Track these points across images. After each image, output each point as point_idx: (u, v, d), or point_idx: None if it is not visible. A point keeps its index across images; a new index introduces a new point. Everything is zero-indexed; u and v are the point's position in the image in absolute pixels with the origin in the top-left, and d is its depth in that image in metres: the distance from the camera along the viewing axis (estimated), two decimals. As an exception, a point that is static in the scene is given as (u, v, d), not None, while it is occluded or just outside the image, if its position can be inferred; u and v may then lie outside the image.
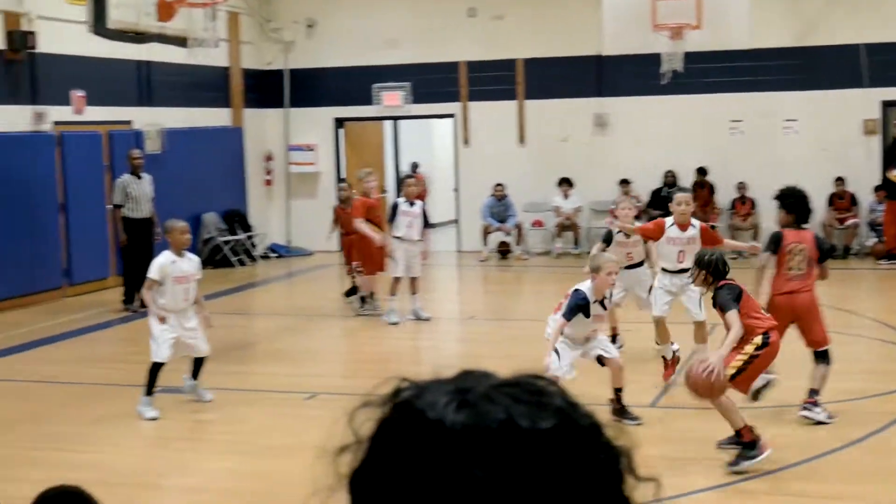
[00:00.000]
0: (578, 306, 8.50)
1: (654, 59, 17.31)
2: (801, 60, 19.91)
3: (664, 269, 10.59)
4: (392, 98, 21.99)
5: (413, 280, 13.99)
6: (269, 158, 22.63)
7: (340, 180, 17.55)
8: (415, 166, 24.82)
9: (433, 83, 21.76)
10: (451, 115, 22.06)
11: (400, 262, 13.90)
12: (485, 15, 21.46)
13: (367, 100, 22.07)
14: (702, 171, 20.33)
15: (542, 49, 21.12)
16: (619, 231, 11.63)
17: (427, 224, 14.22)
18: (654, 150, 20.56)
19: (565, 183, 20.74)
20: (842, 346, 11.68)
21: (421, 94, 21.87)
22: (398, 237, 13.93)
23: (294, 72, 22.48)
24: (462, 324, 14.10)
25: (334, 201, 16.43)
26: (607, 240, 11.70)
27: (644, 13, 16.78)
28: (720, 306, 7.90)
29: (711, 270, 7.99)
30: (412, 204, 13.92)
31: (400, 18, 21.86)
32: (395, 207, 13.93)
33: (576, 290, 8.58)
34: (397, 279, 13.92)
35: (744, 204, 20.23)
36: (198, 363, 9.99)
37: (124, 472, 8.21)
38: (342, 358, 12.95)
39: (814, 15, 19.92)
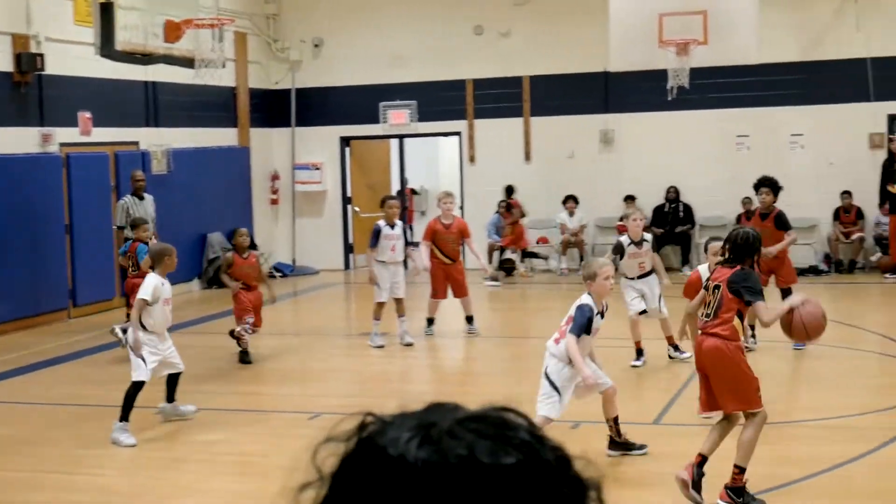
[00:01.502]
0: (589, 320, 8.33)
1: (661, 75, 17.32)
2: (807, 75, 19.92)
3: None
4: (398, 116, 22.04)
5: (399, 301, 13.92)
6: (275, 177, 22.67)
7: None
8: (405, 185, 24.85)
9: (439, 101, 21.80)
10: (457, 133, 22.09)
11: (384, 286, 13.86)
12: (491, 32, 21.50)
13: (373, 118, 22.12)
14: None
15: (548, 66, 21.15)
16: (631, 242, 11.87)
17: (409, 243, 14.46)
18: (660, 167, 20.56)
19: (571, 200, 20.74)
20: (846, 361, 11.68)
21: (427, 113, 21.90)
22: (382, 261, 13.92)
23: (301, 91, 22.54)
24: (468, 341, 14.07)
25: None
26: (618, 251, 11.84)
27: (650, 29, 16.77)
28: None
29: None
30: (393, 227, 13.89)
31: (406, 37, 21.92)
32: (377, 232, 13.90)
33: (580, 307, 8.40)
34: (381, 304, 13.88)
35: (749, 220, 20.16)
36: (173, 383, 10.08)
37: (128, 493, 8.21)
38: (348, 378, 12.93)
39: (819, 29, 19.93)
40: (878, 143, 19.81)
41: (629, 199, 20.53)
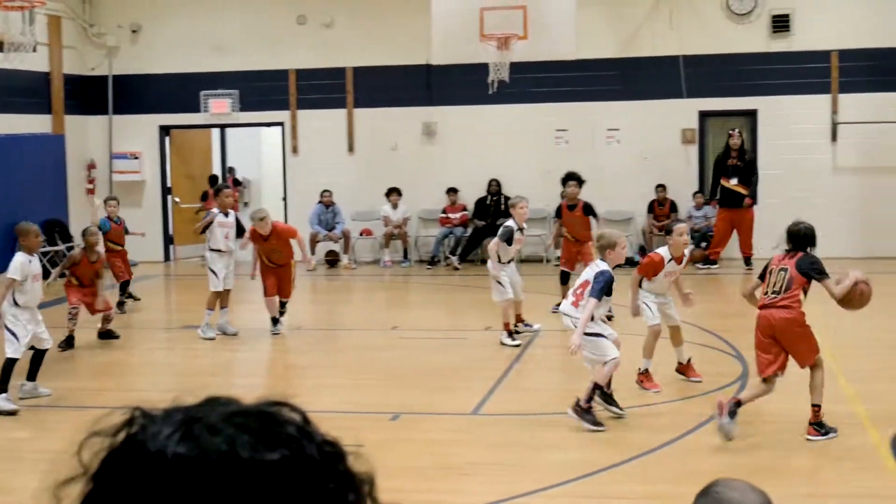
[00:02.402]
0: (608, 284, 8.97)
1: (482, 68, 17.53)
2: (623, 71, 20.46)
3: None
4: (220, 105, 21.71)
5: (227, 293, 13.88)
6: (91, 166, 22.05)
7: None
8: (231, 171, 24.57)
9: (262, 91, 21.57)
10: (279, 124, 21.89)
11: (220, 274, 13.74)
12: (314, 22, 21.37)
13: (193, 107, 21.73)
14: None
15: (371, 58, 21.15)
16: (518, 228, 12.80)
17: (241, 233, 14.36)
18: (482, 160, 20.81)
19: (394, 192, 20.81)
20: (660, 352, 12.05)
21: (249, 102, 21.65)
22: (217, 250, 13.80)
23: (118, 77, 21.97)
24: (289, 334, 13.97)
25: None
26: (507, 236, 12.66)
27: (472, 23, 16.95)
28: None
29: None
30: (227, 214, 13.87)
31: (228, 24, 21.59)
32: (200, 231, 13.84)
33: (601, 272, 8.99)
34: (217, 293, 13.75)
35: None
36: (38, 360, 10.40)
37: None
38: (167, 371, 12.68)
39: (635, 27, 20.50)
40: (690, 138, 20.51)
41: (452, 191, 20.74)
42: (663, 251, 10.68)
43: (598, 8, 19.98)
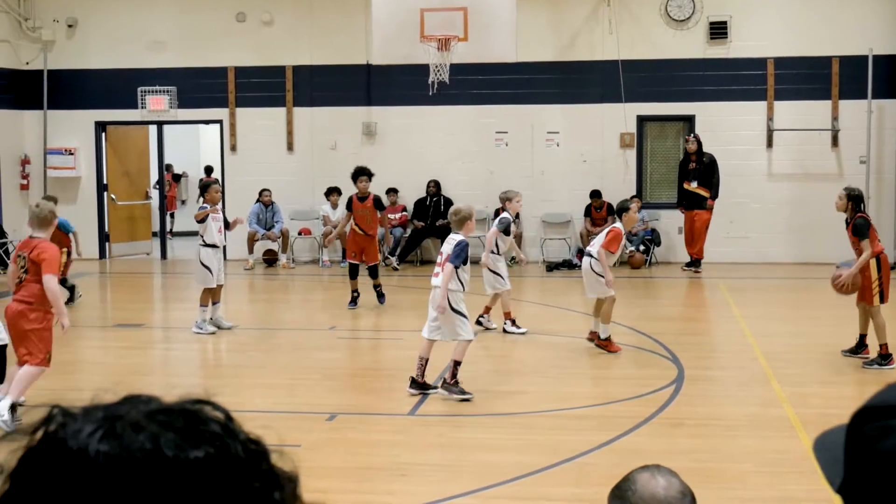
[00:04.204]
0: (464, 250, 10.07)
1: (423, 69, 17.52)
2: (563, 75, 20.57)
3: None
4: (157, 102, 21.51)
5: (219, 288, 13.86)
6: (25, 162, 21.74)
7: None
8: (209, 170, 24.43)
9: (200, 88, 21.41)
10: (218, 122, 21.73)
11: (214, 270, 13.64)
12: (254, 20, 21.25)
13: (131, 103, 21.52)
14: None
15: (311, 56, 21.08)
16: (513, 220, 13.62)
17: (228, 226, 14.20)
18: (421, 160, 20.82)
19: (334, 192, 20.74)
20: (595, 353, 12.14)
21: (187, 99, 21.48)
22: (212, 245, 13.71)
23: (53, 72, 21.69)
24: (225, 333, 13.87)
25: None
26: (506, 227, 13.25)
27: (412, 24, 16.93)
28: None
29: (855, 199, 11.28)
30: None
31: (165, 20, 21.40)
32: (200, 219, 13.72)
33: (458, 242, 10.07)
34: (211, 289, 13.66)
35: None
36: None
37: None
38: (101, 370, 12.52)
39: (574, 31, 20.62)
40: (628, 142, 20.67)
41: (391, 191, 20.72)
42: (619, 225, 11.99)
43: (539, 12, 20.08)
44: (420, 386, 10.19)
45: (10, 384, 9.17)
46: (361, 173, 15.59)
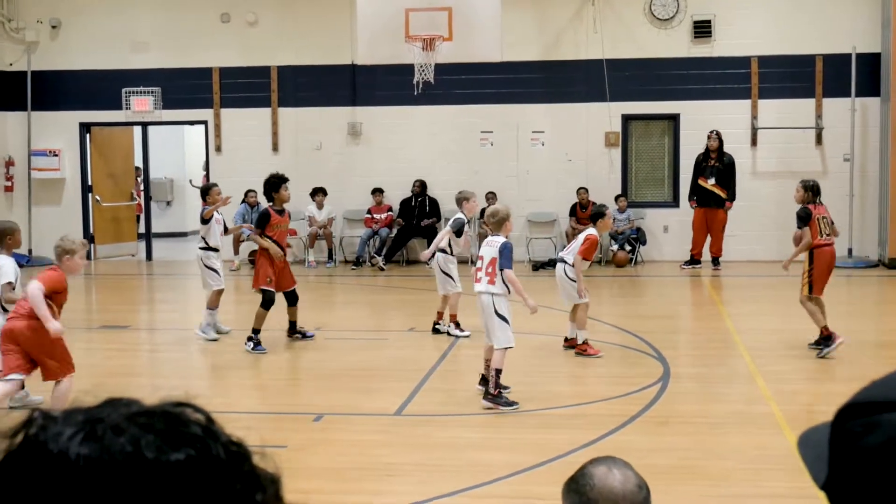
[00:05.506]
0: (511, 250, 9.81)
1: (408, 69, 17.53)
2: (548, 74, 20.60)
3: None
4: (142, 103, 21.47)
5: (220, 292, 13.76)
6: (9, 163, 21.67)
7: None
8: (137, 170, 24.31)
9: (185, 89, 21.37)
10: (203, 122, 21.69)
11: (220, 272, 13.64)
12: (239, 20, 21.23)
13: (115, 104, 21.48)
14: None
15: (296, 57, 21.07)
16: (468, 221, 13.28)
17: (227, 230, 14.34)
18: (407, 160, 20.83)
19: (319, 192, 20.73)
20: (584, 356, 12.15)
21: (172, 100, 21.44)
22: (215, 248, 13.68)
23: (37, 73, 21.63)
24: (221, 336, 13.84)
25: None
26: (459, 228, 12.99)
27: (397, 24, 16.94)
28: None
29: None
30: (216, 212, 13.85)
31: (150, 21, 21.36)
32: (209, 217, 13.71)
33: (504, 244, 9.70)
34: (219, 292, 13.61)
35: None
36: None
37: None
38: (85, 373, 12.48)
39: (559, 31, 20.65)
40: (613, 141, 20.71)
41: (377, 191, 20.73)
42: (594, 232, 11.80)
43: (523, 11, 20.10)
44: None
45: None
46: (283, 180, 14.09)
